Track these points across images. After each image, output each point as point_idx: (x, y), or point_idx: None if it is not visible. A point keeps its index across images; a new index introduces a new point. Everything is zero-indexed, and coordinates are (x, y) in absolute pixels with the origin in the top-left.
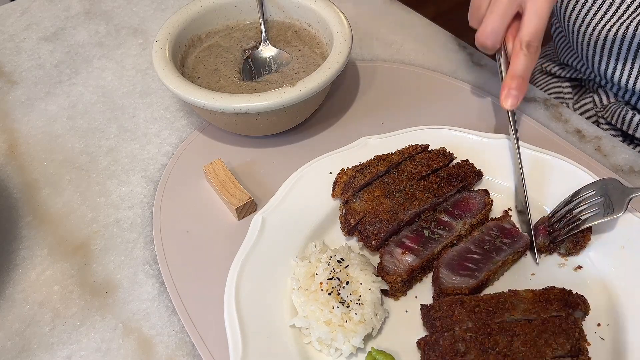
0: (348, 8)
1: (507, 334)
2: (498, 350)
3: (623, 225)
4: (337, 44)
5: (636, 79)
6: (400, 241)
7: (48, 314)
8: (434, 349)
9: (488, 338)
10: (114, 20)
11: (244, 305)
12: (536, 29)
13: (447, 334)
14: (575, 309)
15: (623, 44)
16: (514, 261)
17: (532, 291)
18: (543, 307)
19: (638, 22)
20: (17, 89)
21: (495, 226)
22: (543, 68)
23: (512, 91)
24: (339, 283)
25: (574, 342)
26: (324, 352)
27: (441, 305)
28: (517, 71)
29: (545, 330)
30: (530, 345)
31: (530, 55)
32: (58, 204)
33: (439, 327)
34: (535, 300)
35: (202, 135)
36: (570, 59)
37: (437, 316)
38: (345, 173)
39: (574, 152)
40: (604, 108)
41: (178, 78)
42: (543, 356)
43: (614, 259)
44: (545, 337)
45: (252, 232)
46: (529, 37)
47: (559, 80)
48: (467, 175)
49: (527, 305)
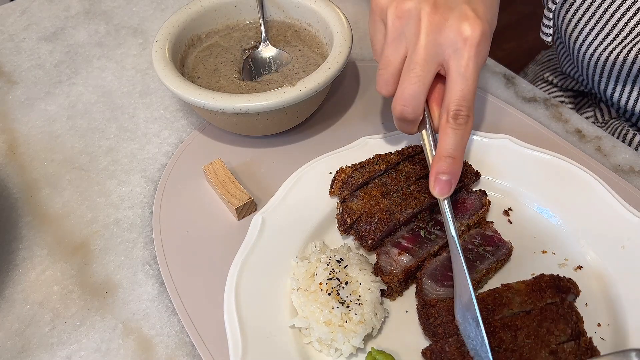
0: (348, 8)
1: (510, 329)
2: (505, 347)
3: (623, 225)
4: (337, 44)
5: (635, 101)
6: (396, 241)
7: (48, 314)
8: (441, 356)
9: (493, 336)
10: (113, 20)
11: (244, 305)
12: (463, 94)
13: (451, 339)
14: (567, 293)
15: (623, 68)
16: (497, 269)
17: (524, 282)
18: (538, 296)
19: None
20: (17, 89)
21: (477, 234)
22: (544, 77)
23: (441, 176)
24: (338, 283)
25: (573, 326)
26: (323, 353)
27: (440, 311)
28: (446, 150)
29: (545, 318)
30: (534, 337)
31: (460, 128)
32: (58, 204)
33: (441, 333)
34: (529, 290)
35: (202, 135)
36: (572, 71)
37: (437, 323)
38: (343, 171)
39: (574, 152)
40: (605, 123)
41: (178, 78)
42: (548, 345)
43: (614, 259)
44: (546, 326)
45: (252, 232)
46: (456, 105)
47: (560, 90)
48: (464, 176)
49: (522, 297)
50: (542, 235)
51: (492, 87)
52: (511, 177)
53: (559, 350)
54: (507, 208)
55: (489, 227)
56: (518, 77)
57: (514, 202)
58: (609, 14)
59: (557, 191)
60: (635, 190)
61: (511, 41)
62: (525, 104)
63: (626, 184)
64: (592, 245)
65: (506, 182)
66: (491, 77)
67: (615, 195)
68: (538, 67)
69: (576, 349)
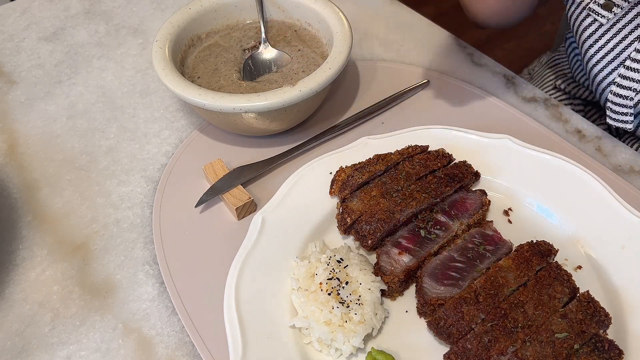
0: (348, 8)
1: (518, 307)
2: (522, 325)
3: (623, 225)
4: (337, 44)
5: None
6: (396, 241)
7: (48, 314)
8: (466, 355)
9: (506, 318)
10: (113, 20)
11: (244, 305)
12: None
13: (469, 335)
14: (549, 255)
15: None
16: None
17: (509, 258)
18: (527, 267)
19: None
20: (17, 89)
21: (477, 233)
22: (556, 85)
23: None
24: (338, 283)
25: (567, 283)
26: (324, 353)
27: (447, 313)
28: None
29: (542, 285)
30: (541, 306)
31: None
32: (58, 204)
33: (456, 333)
34: (517, 264)
35: (202, 135)
36: (583, 77)
37: (449, 324)
38: (343, 171)
39: (574, 152)
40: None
41: (178, 78)
42: (556, 310)
43: (614, 259)
44: (547, 292)
45: (252, 232)
46: None
47: (570, 98)
48: (464, 175)
49: (515, 272)
50: (542, 235)
51: (492, 87)
52: (511, 177)
53: (568, 312)
54: (507, 208)
55: (489, 226)
56: (518, 77)
57: (514, 202)
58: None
59: (557, 191)
60: (635, 190)
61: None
62: (525, 104)
63: (626, 184)
64: (592, 245)
65: (506, 182)
66: (491, 77)
67: (615, 195)
68: (546, 70)
69: (579, 306)
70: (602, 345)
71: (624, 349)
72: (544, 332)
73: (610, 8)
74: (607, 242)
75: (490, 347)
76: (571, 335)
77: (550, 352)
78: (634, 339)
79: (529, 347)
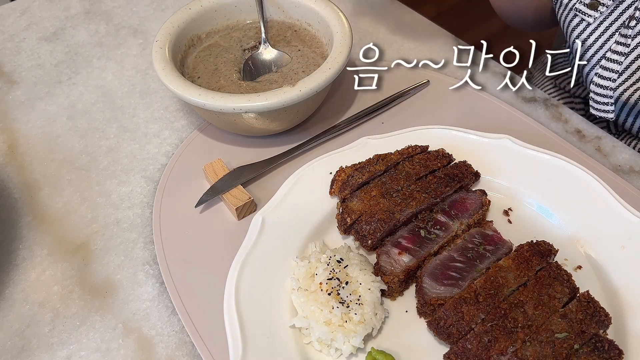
0: (348, 8)
1: (518, 307)
2: (522, 324)
3: (623, 225)
4: (337, 44)
5: None
6: (396, 241)
7: (48, 314)
8: (466, 355)
9: (506, 318)
10: (113, 20)
11: (244, 305)
12: None
13: (468, 335)
14: (549, 255)
15: (636, 106)
16: None
17: (509, 257)
18: (527, 267)
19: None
20: (17, 89)
21: (477, 233)
22: (557, 84)
23: None
24: (338, 283)
25: (567, 283)
26: (324, 352)
27: (447, 313)
28: None
29: (542, 285)
30: (541, 306)
31: None
32: (58, 204)
33: (456, 333)
34: (517, 264)
35: (202, 135)
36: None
37: (449, 324)
38: (343, 171)
39: (574, 152)
40: (619, 135)
41: (178, 78)
42: (556, 310)
43: (614, 259)
44: (547, 292)
45: (252, 232)
46: None
47: (571, 97)
48: (464, 175)
49: (515, 272)
50: (542, 235)
51: (492, 87)
52: (511, 177)
53: (567, 312)
54: (507, 208)
55: (489, 226)
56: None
57: (513, 202)
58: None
59: (557, 191)
60: (635, 190)
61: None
62: (525, 104)
63: (626, 184)
64: (592, 245)
65: (506, 182)
66: (491, 77)
67: (615, 195)
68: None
69: (579, 306)
70: (602, 345)
71: (624, 349)
72: (544, 332)
73: (595, 7)
74: (607, 242)
75: (490, 347)
76: (571, 335)
77: (550, 352)
78: (634, 339)
79: (528, 347)
